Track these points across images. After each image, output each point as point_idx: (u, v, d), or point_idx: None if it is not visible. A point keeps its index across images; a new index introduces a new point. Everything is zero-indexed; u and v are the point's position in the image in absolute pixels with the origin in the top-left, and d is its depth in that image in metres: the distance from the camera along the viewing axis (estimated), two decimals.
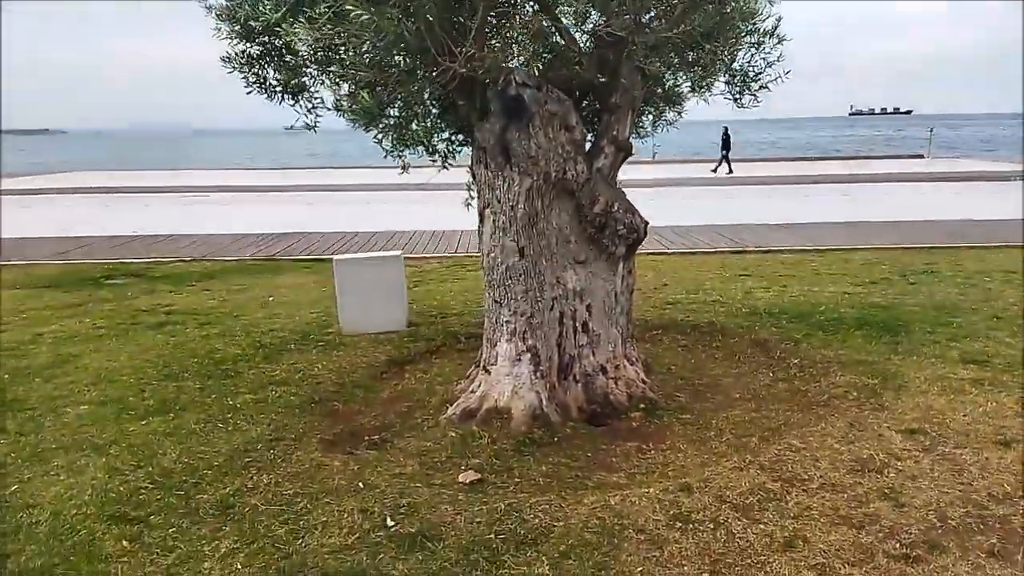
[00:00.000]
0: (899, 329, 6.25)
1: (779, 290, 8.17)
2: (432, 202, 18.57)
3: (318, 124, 4.81)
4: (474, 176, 4.99)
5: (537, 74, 4.60)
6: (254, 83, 5.07)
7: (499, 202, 4.53)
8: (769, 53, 4.84)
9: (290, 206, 19.07)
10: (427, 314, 7.45)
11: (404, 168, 5.14)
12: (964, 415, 4.46)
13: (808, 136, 78.34)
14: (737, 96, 5.04)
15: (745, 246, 11.64)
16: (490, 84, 4.54)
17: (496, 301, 4.74)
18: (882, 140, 62.40)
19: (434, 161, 5.43)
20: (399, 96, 4.53)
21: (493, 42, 4.55)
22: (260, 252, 11.83)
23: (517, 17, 4.78)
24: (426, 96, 4.46)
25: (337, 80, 4.57)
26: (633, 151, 5.12)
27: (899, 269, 9.27)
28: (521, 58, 4.89)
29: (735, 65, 4.93)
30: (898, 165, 29.97)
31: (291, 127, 4.90)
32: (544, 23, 4.66)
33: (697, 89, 5.21)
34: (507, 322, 4.73)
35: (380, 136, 4.78)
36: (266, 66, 5.06)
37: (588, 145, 4.89)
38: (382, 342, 6.47)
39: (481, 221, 4.70)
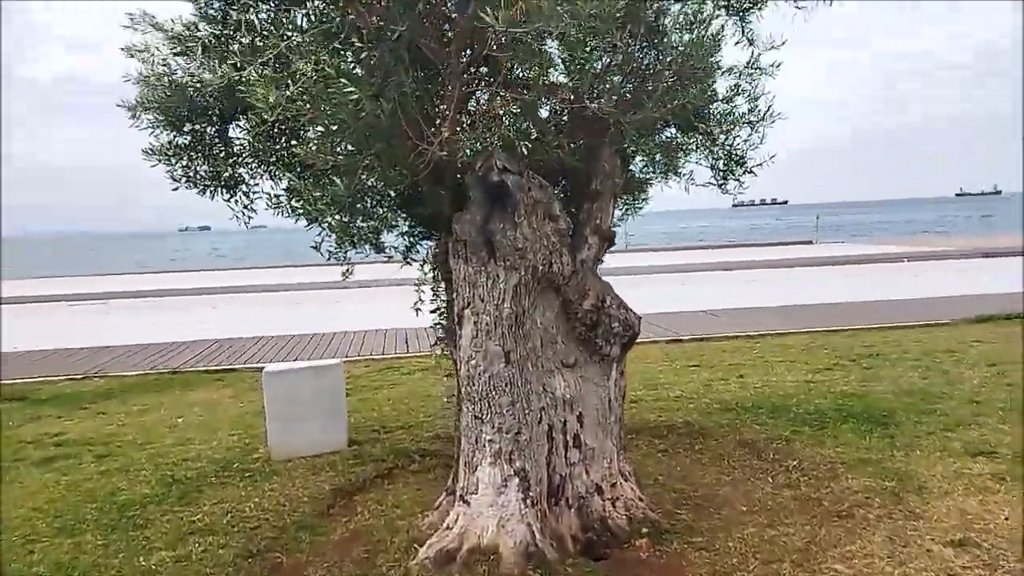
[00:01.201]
0: (886, 421, 5.91)
1: (738, 381, 7.80)
2: (347, 301, 17.72)
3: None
4: (444, 278, 4.38)
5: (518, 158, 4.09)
6: (182, 176, 4.37)
7: (482, 301, 3.90)
8: (755, 133, 4.56)
9: (190, 311, 17.67)
10: (368, 429, 6.60)
11: (348, 271, 4.50)
12: (1005, 518, 4.04)
13: (695, 227, 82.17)
14: (722, 182, 4.69)
15: (679, 335, 11.39)
16: (465, 170, 4.01)
17: (477, 417, 4.03)
18: (769, 229, 65.99)
19: (389, 259, 4.81)
20: (360, 186, 3.92)
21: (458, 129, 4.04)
22: (163, 364, 10.60)
23: (474, 99, 4.32)
24: (395, 185, 3.84)
25: (291, 168, 3.93)
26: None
27: (842, 353, 9.14)
28: (479, 144, 4.39)
29: (718, 148, 4.61)
30: (792, 251, 31.41)
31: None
32: (509, 103, 4.18)
33: (676, 174, 4.84)
34: (490, 441, 4.02)
35: (321, 238, 4.15)
36: (196, 157, 4.39)
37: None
38: (322, 467, 5.58)
39: (460, 324, 4.05)
